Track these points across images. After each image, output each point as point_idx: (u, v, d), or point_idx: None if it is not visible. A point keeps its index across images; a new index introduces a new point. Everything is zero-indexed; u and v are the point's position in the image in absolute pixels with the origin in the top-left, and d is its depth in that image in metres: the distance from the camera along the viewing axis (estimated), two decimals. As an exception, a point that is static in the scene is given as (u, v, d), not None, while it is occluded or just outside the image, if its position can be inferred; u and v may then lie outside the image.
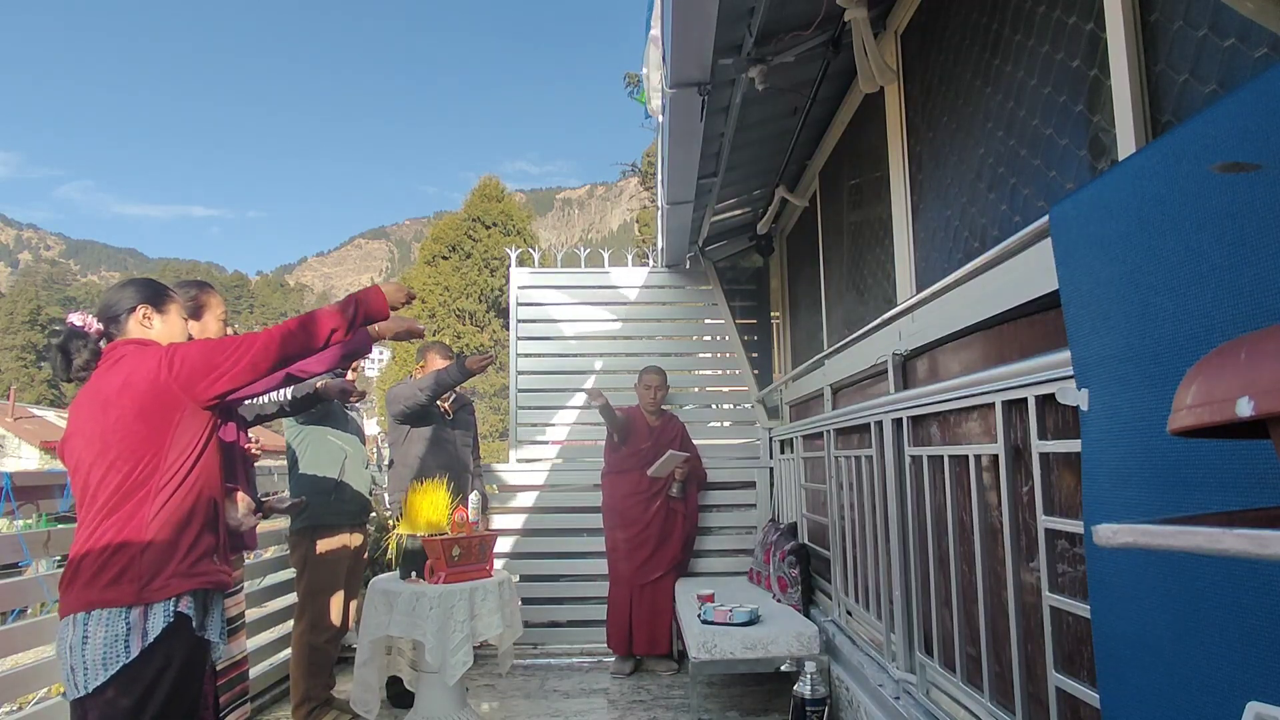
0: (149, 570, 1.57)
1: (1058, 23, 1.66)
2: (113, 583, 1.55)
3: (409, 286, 2.13)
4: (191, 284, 2.28)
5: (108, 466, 1.60)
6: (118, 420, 1.60)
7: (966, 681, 1.86)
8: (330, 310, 1.86)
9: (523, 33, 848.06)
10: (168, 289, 1.85)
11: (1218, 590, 0.89)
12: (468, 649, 2.77)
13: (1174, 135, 0.94)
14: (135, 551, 1.57)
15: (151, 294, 1.79)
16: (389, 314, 1.99)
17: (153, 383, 1.62)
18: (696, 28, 2.17)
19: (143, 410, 1.61)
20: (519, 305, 4.82)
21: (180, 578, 1.60)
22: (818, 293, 3.83)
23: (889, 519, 2.30)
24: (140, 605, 1.55)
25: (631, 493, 3.95)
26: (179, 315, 1.83)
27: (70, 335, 1.70)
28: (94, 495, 1.60)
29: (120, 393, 1.61)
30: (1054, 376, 1.38)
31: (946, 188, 2.26)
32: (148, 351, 1.68)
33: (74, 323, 1.72)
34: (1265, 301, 0.81)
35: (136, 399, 1.61)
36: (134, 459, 1.59)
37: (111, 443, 1.60)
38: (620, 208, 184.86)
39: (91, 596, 1.55)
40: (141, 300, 1.76)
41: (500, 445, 18.54)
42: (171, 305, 1.82)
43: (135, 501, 1.59)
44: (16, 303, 51.69)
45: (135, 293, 1.77)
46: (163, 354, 1.66)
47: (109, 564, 1.56)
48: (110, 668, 1.52)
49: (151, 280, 1.86)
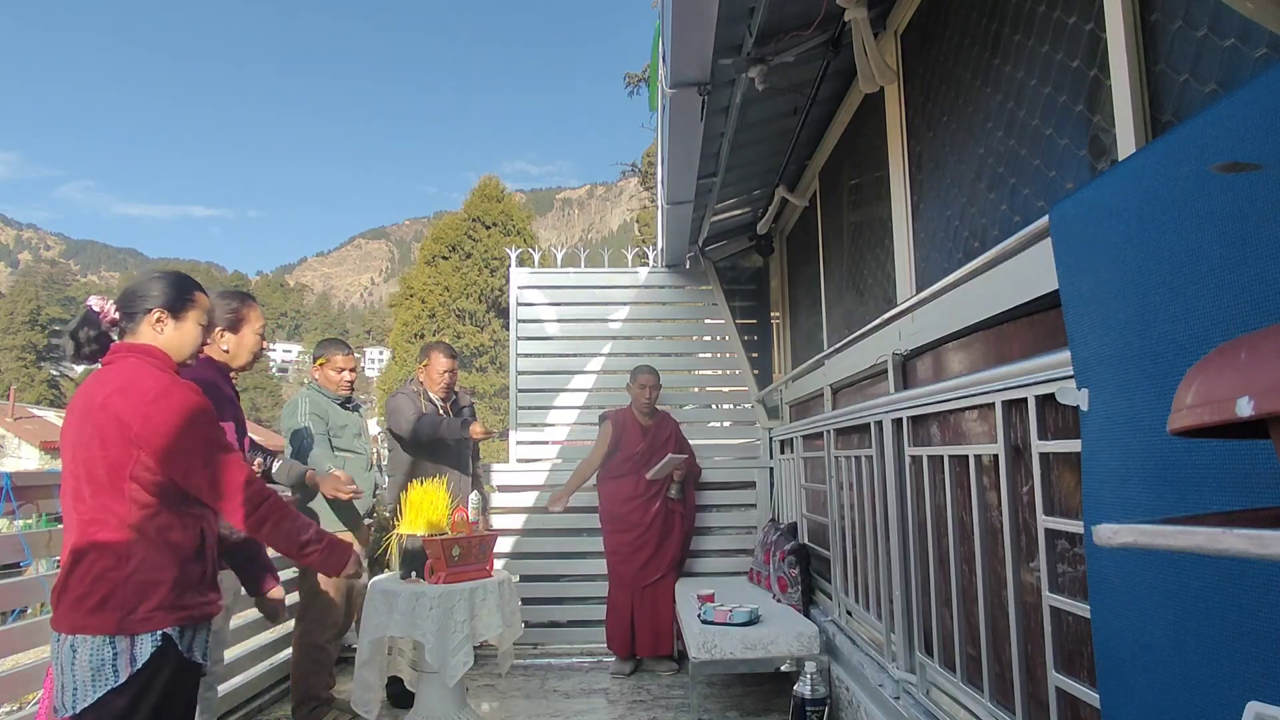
0: (132, 601, 1.53)
1: (1058, 23, 1.66)
2: (97, 609, 1.52)
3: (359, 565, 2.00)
4: (234, 295, 2.26)
5: (80, 478, 1.57)
6: (91, 436, 1.56)
7: (966, 681, 1.86)
8: (308, 538, 1.77)
9: (523, 33, 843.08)
10: (194, 296, 1.77)
11: (1218, 590, 0.89)
12: (468, 649, 2.77)
13: (1174, 135, 0.94)
14: (118, 579, 1.53)
15: (174, 298, 1.72)
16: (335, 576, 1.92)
17: (123, 423, 1.55)
18: (696, 28, 2.17)
19: (105, 439, 1.56)
20: (519, 305, 4.82)
21: (164, 610, 1.56)
22: (818, 293, 3.83)
23: (889, 519, 2.30)
24: (126, 635, 1.52)
25: (630, 496, 3.94)
26: (196, 324, 1.76)
27: (85, 319, 1.65)
28: (75, 503, 1.58)
29: (100, 408, 1.57)
30: (1054, 376, 1.38)
31: (946, 188, 2.26)
32: (143, 377, 1.61)
33: (92, 306, 1.67)
34: (1265, 301, 0.81)
35: (105, 422, 1.55)
36: (94, 483, 1.55)
37: (79, 457, 1.56)
38: (620, 208, 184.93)
39: (76, 620, 1.52)
40: (161, 304, 1.70)
41: (500, 445, 18.53)
42: (190, 313, 1.75)
43: (110, 528, 1.54)
44: (16, 303, 51.68)
45: (160, 293, 1.71)
46: (150, 406, 1.57)
47: (93, 588, 1.52)
48: (99, 689, 1.50)
49: (183, 281, 1.79)
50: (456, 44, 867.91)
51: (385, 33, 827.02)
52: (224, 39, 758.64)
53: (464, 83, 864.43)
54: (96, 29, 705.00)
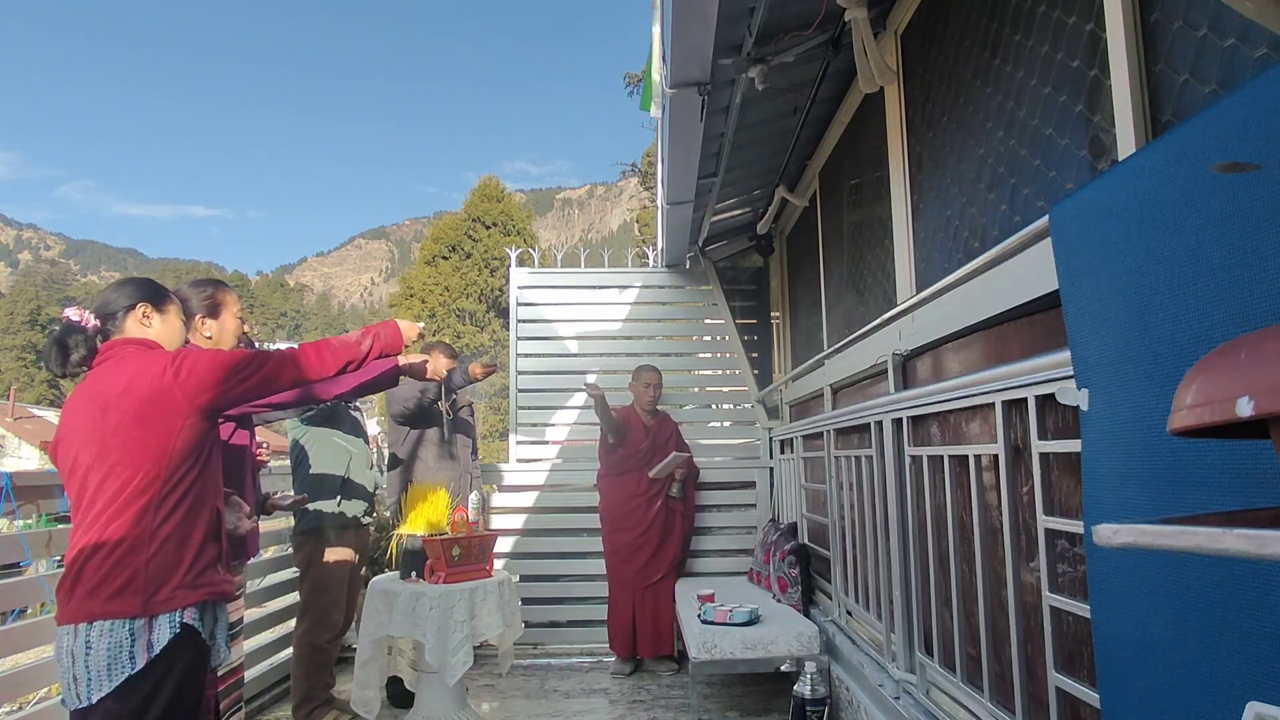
0: (154, 582, 1.55)
1: (1058, 23, 1.66)
2: (117, 594, 1.52)
3: (420, 324, 2.12)
4: (207, 283, 2.26)
5: (107, 471, 1.56)
6: (118, 424, 1.57)
7: (966, 681, 1.86)
8: (346, 342, 1.84)
9: (523, 33, 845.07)
10: (168, 290, 1.83)
11: (1218, 590, 0.89)
12: (468, 649, 2.77)
13: (1174, 135, 0.94)
14: (140, 563, 1.54)
15: (151, 293, 1.76)
16: (403, 349, 1.97)
17: (156, 388, 1.59)
18: (696, 28, 2.17)
19: (144, 416, 1.58)
20: (519, 305, 4.82)
21: (186, 589, 1.58)
22: (818, 293, 3.83)
23: (889, 519, 2.30)
24: (145, 617, 1.53)
25: (632, 495, 3.94)
26: (178, 317, 1.81)
27: (67, 330, 1.67)
28: (91, 499, 1.57)
29: (122, 396, 1.58)
30: (1054, 376, 1.38)
31: (946, 188, 2.26)
32: (153, 355, 1.65)
33: (70, 317, 1.68)
34: (1265, 301, 0.81)
35: (138, 403, 1.58)
36: (134, 465, 1.56)
37: (111, 446, 1.56)
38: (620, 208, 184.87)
39: (94, 608, 1.52)
40: (141, 298, 1.73)
41: (500, 445, 18.53)
42: (171, 306, 1.79)
43: (138, 510, 1.56)
44: (16, 303, 51.69)
45: (134, 291, 1.74)
46: (169, 360, 1.63)
47: (113, 574, 1.53)
48: (115, 678, 1.49)
49: (151, 280, 1.84)
50: (457, 43, 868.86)
51: (385, 32, 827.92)
52: (224, 39, 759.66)
53: (464, 83, 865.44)
54: (96, 29, 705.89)
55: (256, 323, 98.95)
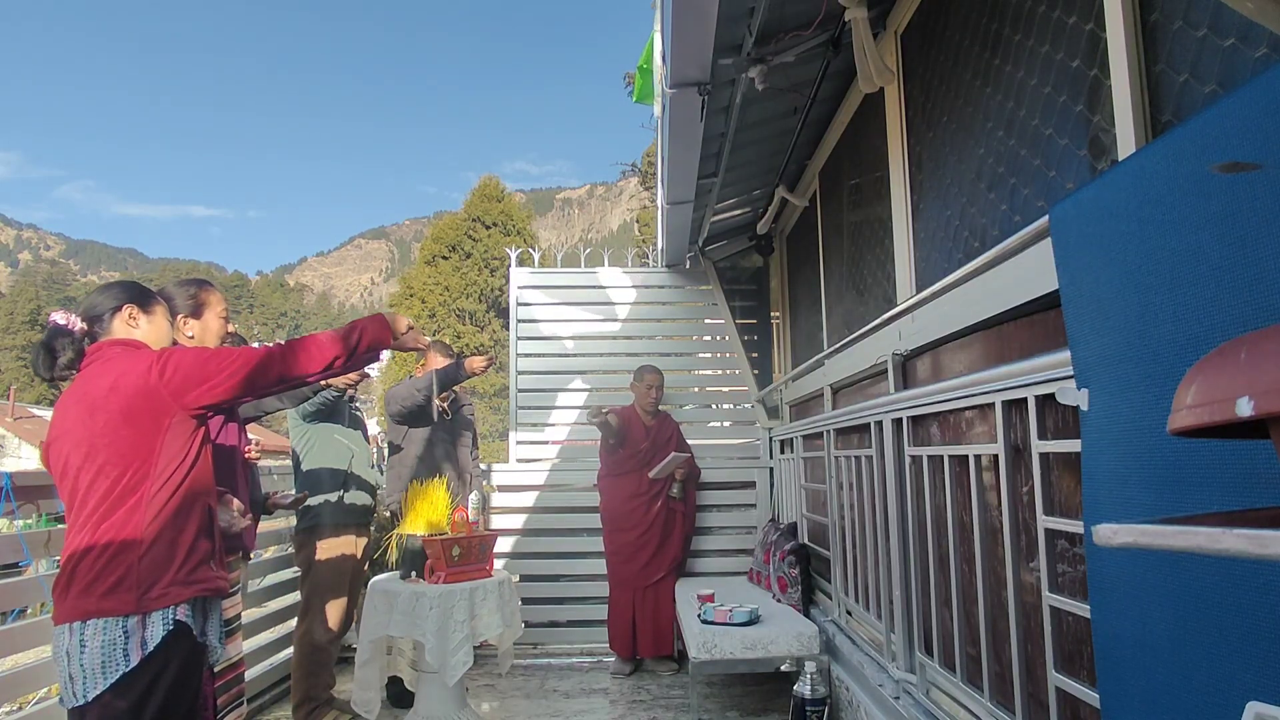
0: (147, 578, 1.55)
1: (1058, 23, 1.66)
2: (110, 591, 1.53)
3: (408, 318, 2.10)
4: (191, 282, 2.27)
5: (96, 471, 1.57)
6: (105, 424, 1.58)
7: (966, 681, 1.86)
8: (333, 337, 1.81)
9: (523, 33, 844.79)
10: (153, 291, 1.84)
11: (1218, 590, 0.89)
12: (468, 649, 2.77)
13: (1174, 135, 0.94)
14: (132, 560, 1.55)
15: (137, 294, 1.77)
16: (391, 343, 1.93)
17: (142, 387, 1.60)
18: (696, 28, 2.17)
19: (130, 414, 1.58)
20: (519, 305, 4.82)
21: (179, 585, 1.59)
22: (818, 293, 3.83)
23: (889, 519, 2.30)
24: (139, 614, 1.54)
25: (633, 495, 3.94)
26: (165, 317, 1.81)
27: (54, 333, 1.68)
28: (83, 500, 1.58)
29: (108, 396, 1.59)
30: (1054, 376, 1.38)
31: (946, 188, 2.26)
32: (137, 355, 1.66)
33: (57, 321, 1.69)
34: (1265, 301, 0.81)
35: (124, 402, 1.58)
36: (123, 464, 1.57)
37: (100, 446, 1.57)
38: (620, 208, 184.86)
39: (88, 605, 1.53)
40: (127, 300, 1.74)
41: (500, 445, 18.53)
42: (157, 307, 1.80)
43: (128, 508, 1.57)
44: (16, 303, 51.69)
45: (120, 293, 1.76)
46: (154, 358, 1.63)
47: (105, 572, 1.54)
48: (110, 676, 1.50)
49: (136, 283, 1.85)
50: (456, 43, 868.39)
51: (385, 32, 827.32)
52: (224, 38, 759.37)
53: (464, 82, 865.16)
54: (97, 29, 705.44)
55: (256, 323, 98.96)
